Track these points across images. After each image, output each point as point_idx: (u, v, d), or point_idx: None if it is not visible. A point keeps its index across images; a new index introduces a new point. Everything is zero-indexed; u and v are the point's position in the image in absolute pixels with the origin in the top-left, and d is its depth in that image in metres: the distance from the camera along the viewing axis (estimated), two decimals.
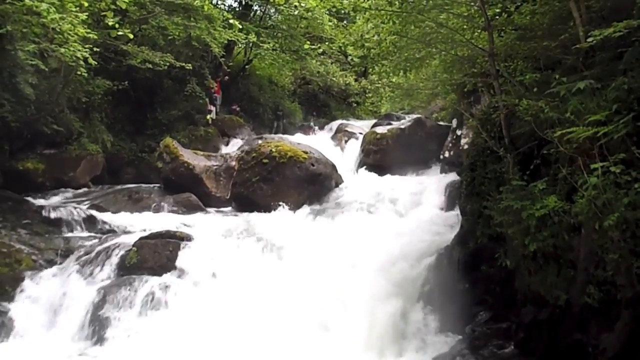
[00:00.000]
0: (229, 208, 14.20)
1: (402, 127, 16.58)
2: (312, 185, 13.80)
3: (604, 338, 5.50)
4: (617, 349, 5.29)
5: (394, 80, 12.64)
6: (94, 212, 12.23)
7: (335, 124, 22.41)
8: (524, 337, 6.78)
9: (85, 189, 15.20)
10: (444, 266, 8.58)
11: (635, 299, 4.98)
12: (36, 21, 10.58)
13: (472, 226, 7.96)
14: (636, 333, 5.12)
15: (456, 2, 8.53)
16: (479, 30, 8.87)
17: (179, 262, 9.61)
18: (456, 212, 9.92)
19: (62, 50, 11.12)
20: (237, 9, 23.36)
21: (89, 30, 11.22)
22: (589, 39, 5.39)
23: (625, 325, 5.26)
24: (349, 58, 26.09)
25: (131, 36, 11.71)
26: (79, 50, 11.11)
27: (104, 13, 10.16)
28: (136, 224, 11.87)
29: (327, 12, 21.36)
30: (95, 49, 12.47)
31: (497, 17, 8.32)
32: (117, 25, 10.07)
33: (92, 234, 11.22)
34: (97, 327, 8.41)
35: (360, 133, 19.03)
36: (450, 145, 14.02)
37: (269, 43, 20.63)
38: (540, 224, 6.05)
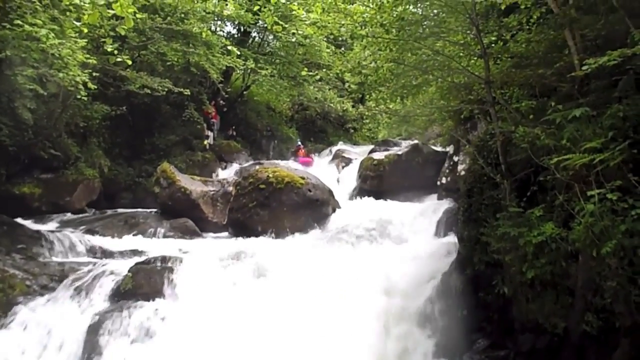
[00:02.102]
0: (226, 233, 14.14)
1: (399, 153, 16.63)
2: (309, 211, 13.76)
3: None
4: None
5: (391, 106, 12.72)
6: (89, 237, 12.17)
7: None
8: None
9: (82, 214, 15.15)
10: (442, 293, 8.52)
11: (634, 328, 4.95)
12: (35, 46, 10.66)
13: (470, 253, 7.93)
14: None
15: (452, 30, 8.63)
16: (475, 58, 8.96)
17: (174, 288, 9.51)
18: (453, 238, 9.89)
19: (61, 75, 11.18)
20: (236, 36, 23.59)
21: (88, 56, 11.31)
22: (584, 67, 5.44)
23: (624, 354, 5.22)
24: (347, 85, 26.27)
25: (130, 62, 11.80)
26: (78, 75, 11.18)
27: (103, 40, 10.25)
28: (132, 249, 11.79)
29: (324, 39, 21.58)
30: (94, 74, 12.57)
31: (493, 45, 8.42)
32: (116, 52, 10.15)
33: (88, 259, 11.13)
34: (91, 353, 8.30)
35: (357, 159, 19.07)
36: (447, 171, 14.04)
37: (267, 69, 20.80)
38: (538, 251, 6.03)
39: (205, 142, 19.92)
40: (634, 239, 4.71)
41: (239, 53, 15.49)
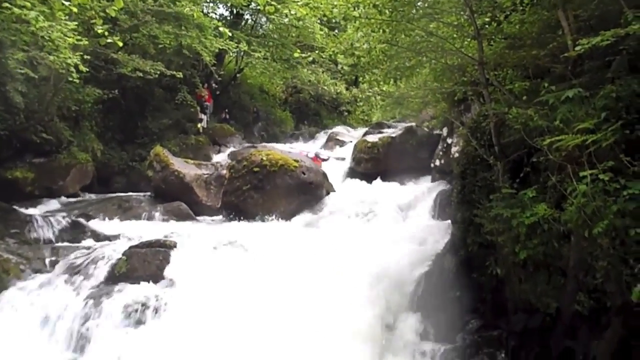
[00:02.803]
0: (220, 217, 14.15)
1: (393, 135, 16.64)
2: (303, 193, 13.77)
3: (594, 346, 5.51)
4: (607, 356, 5.29)
5: (384, 88, 12.67)
6: (83, 221, 12.16)
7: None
8: (515, 345, 6.78)
9: (75, 198, 15.12)
10: (435, 274, 8.57)
11: (625, 307, 4.98)
12: (25, 29, 10.53)
13: (463, 234, 7.96)
14: (626, 341, 5.13)
15: (446, 11, 8.58)
16: (469, 39, 8.91)
17: (168, 272, 9.53)
18: (447, 220, 9.93)
19: (52, 57, 11.07)
20: (229, 18, 23.41)
21: (79, 38, 11.19)
22: (577, 48, 5.41)
23: (615, 333, 5.27)
24: (339, 66, 26.18)
25: (120, 44, 11.69)
26: (69, 57, 11.06)
27: (92, 21, 10.13)
28: (126, 233, 11.79)
29: (318, 21, 21.45)
30: (85, 56, 12.44)
31: (487, 26, 8.37)
32: (106, 33, 10.06)
33: (81, 243, 11.13)
34: (85, 336, 8.33)
35: (351, 141, 19.06)
36: (441, 153, 14.05)
37: (260, 52, 20.67)
38: (530, 232, 6.06)
39: (199, 125, 19.84)
40: (626, 219, 4.73)
41: (230, 34, 15.35)
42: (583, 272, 5.61)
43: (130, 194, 15.65)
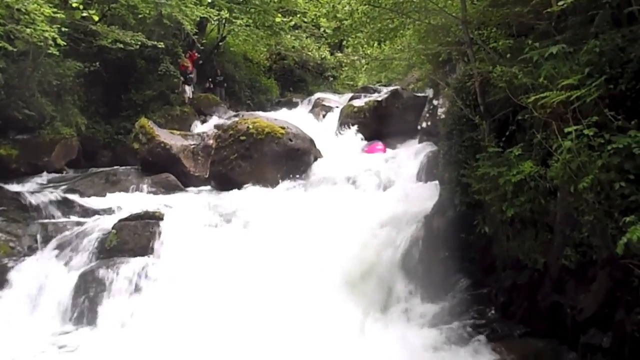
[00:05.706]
0: (208, 187, 14.13)
1: (379, 99, 16.56)
2: (291, 160, 13.74)
3: (581, 299, 5.61)
4: (594, 308, 5.40)
5: (369, 52, 12.56)
6: (71, 196, 12.09)
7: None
8: (504, 301, 6.90)
9: (62, 174, 15.01)
10: (424, 235, 8.63)
11: (611, 260, 5.06)
12: (0, 2, 10.30)
13: (451, 194, 8.00)
14: (612, 293, 5.23)
15: None
16: None
17: (159, 243, 9.57)
18: (435, 181, 9.97)
19: (29, 30, 10.86)
20: None
21: (55, 10, 10.96)
22: (560, 3, 5.39)
23: (601, 286, 5.37)
24: (322, 30, 25.83)
25: (96, 18, 11.47)
26: (47, 30, 10.85)
27: None
28: (115, 207, 11.75)
29: None
30: (63, 29, 12.19)
31: None
32: (81, 7, 9.87)
33: (70, 218, 11.09)
34: (78, 311, 8.38)
35: (337, 107, 18.96)
36: (428, 115, 14.02)
37: (242, 19, 20.32)
38: (517, 190, 6.11)
39: (185, 95, 19.60)
40: (611, 174, 4.78)
41: (210, 1, 15.09)
42: (569, 227, 5.68)
43: (117, 167, 15.51)
